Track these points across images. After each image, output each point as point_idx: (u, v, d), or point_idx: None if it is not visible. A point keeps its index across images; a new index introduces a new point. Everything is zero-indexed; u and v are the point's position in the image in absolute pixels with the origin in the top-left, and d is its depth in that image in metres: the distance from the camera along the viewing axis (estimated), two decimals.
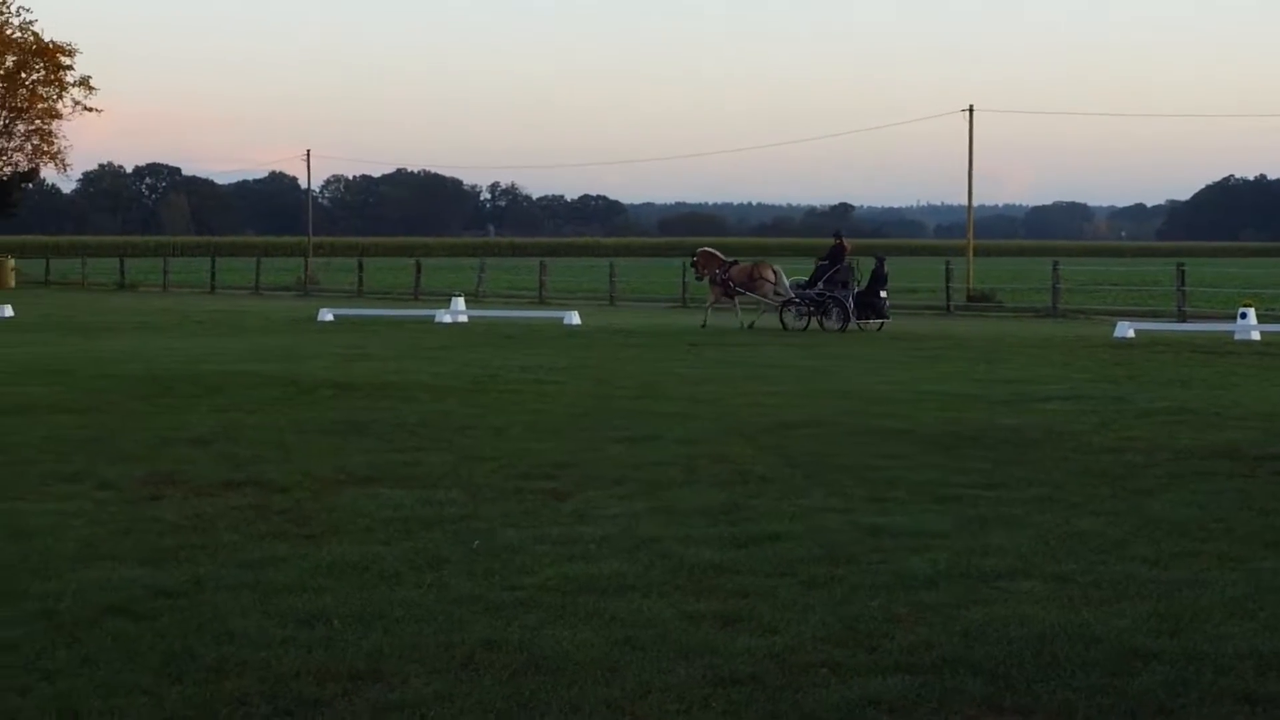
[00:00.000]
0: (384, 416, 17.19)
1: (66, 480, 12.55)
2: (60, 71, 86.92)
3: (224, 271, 75.19)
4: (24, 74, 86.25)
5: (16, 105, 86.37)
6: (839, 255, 37.32)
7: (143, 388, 20.77)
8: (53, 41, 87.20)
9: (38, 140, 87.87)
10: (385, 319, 43.64)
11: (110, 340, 33.58)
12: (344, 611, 8.14)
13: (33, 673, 7.05)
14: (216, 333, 36.63)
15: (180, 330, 37.92)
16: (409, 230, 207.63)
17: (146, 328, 39.33)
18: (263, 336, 34.76)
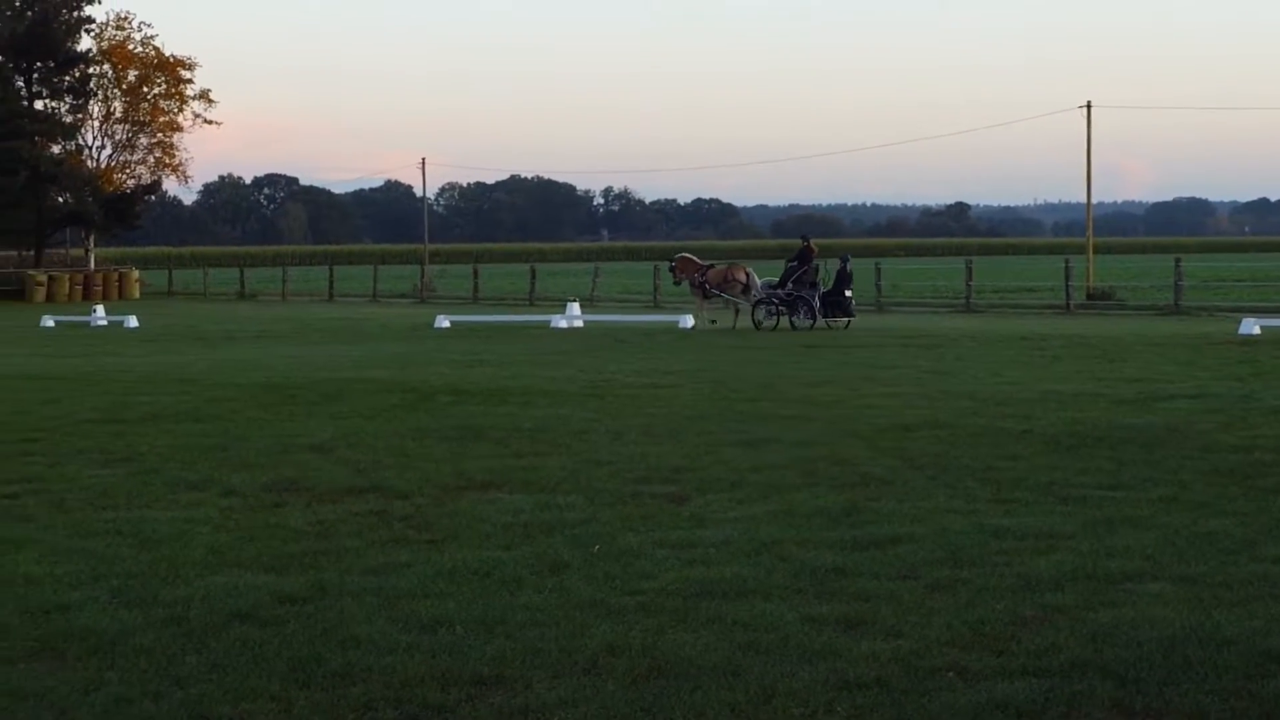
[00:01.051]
0: (502, 422, 17.26)
1: (192, 488, 12.71)
2: (181, 85, 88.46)
3: (342, 280, 76.03)
4: (146, 88, 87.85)
5: (139, 119, 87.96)
6: (806, 257, 38.94)
7: (264, 396, 21.02)
8: (173, 56, 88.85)
9: (160, 153, 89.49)
10: (501, 325, 43.90)
11: (232, 349, 34.07)
12: (466, 617, 8.17)
13: (164, 678, 7.14)
14: (335, 341, 37.03)
15: (300, 339, 38.39)
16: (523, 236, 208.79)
17: (267, 336, 39.87)
18: (381, 344, 35.10)
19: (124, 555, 9.88)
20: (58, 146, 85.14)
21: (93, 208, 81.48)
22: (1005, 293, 60.26)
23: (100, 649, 7.60)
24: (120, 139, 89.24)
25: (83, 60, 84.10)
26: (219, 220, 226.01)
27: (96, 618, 8.19)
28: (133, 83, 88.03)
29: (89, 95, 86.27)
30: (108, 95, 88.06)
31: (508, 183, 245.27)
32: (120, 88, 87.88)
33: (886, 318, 45.42)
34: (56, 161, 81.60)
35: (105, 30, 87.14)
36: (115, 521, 11.11)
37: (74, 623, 8.09)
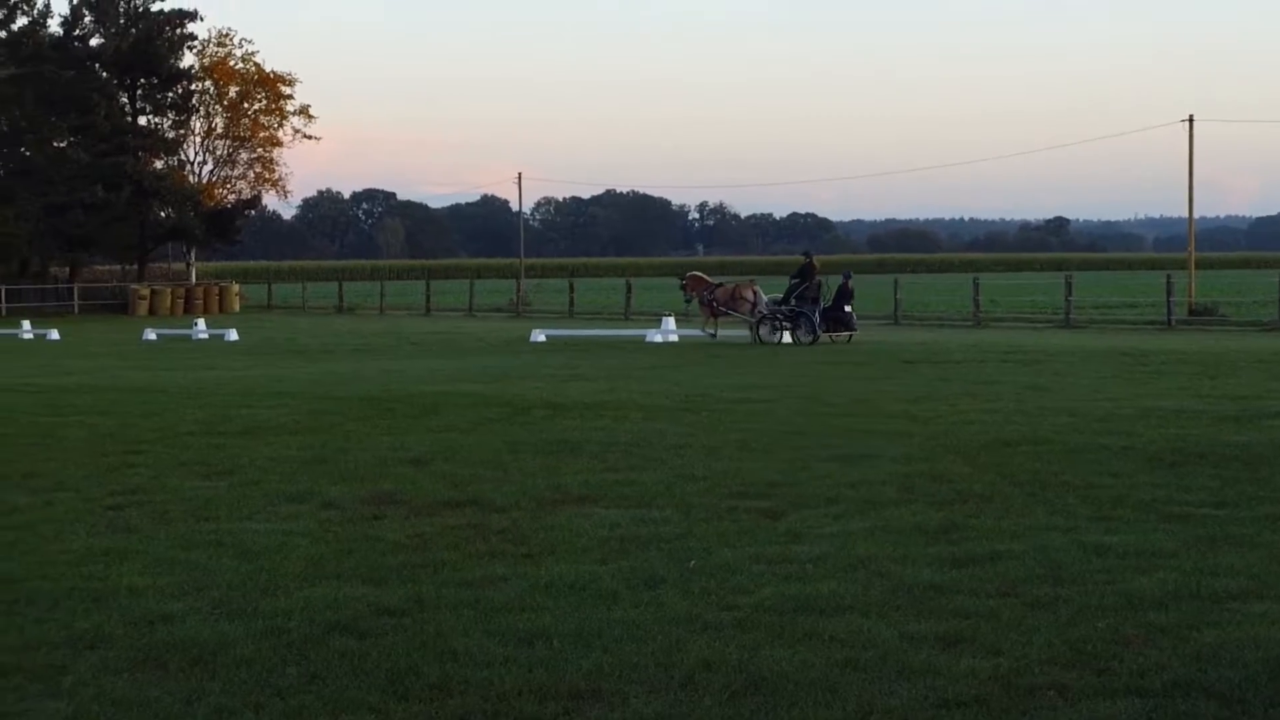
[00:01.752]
0: (597, 436, 17.28)
1: (292, 500, 12.82)
2: (281, 101, 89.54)
3: (438, 294, 76.57)
4: (247, 104, 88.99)
5: (240, 134, 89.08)
6: (809, 273, 39.69)
7: (362, 409, 21.17)
8: (274, 72, 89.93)
9: (260, 168, 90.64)
10: (596, 339, 44.00)
11: (330, 362, 34.38)
12: (563, 630, 8.18)
13: (265, 689, 7.20)
14: (432, 354, 37.27)
15: (397, 352, 38.68)
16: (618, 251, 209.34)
17: (365, 350, 40.20)
18: (477, 358, 35.28)
19: (225, 567, 9.98)
20: (161, 162, 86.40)
21: (194, 222, 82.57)
22: (1105, 308, 59.68)
23: (202, 659, 7.69)
24: (221, 154, 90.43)
25: (185, 77, 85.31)
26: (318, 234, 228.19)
27: (198, 628, 8.28)
28: (234, 99, 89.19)
29: (191, 111, 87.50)
30: (209, 111, 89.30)
31: (603, 197, 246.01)
32: (221, 104, 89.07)
33: (984, 333, 45.10)
34: (159, 177, 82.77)
35: (207, 47, 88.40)
36: (216, 533, 11.23)
37: (176, 633, 8.18)
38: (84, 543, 10.86)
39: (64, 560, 10.20)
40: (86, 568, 9.94)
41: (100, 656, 7.77)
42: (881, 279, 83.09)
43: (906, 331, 46.75)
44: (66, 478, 14.30)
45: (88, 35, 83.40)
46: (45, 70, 78.33)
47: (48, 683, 7.32)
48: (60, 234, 79.29)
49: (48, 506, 12.55)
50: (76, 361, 36.82)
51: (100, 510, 12.37)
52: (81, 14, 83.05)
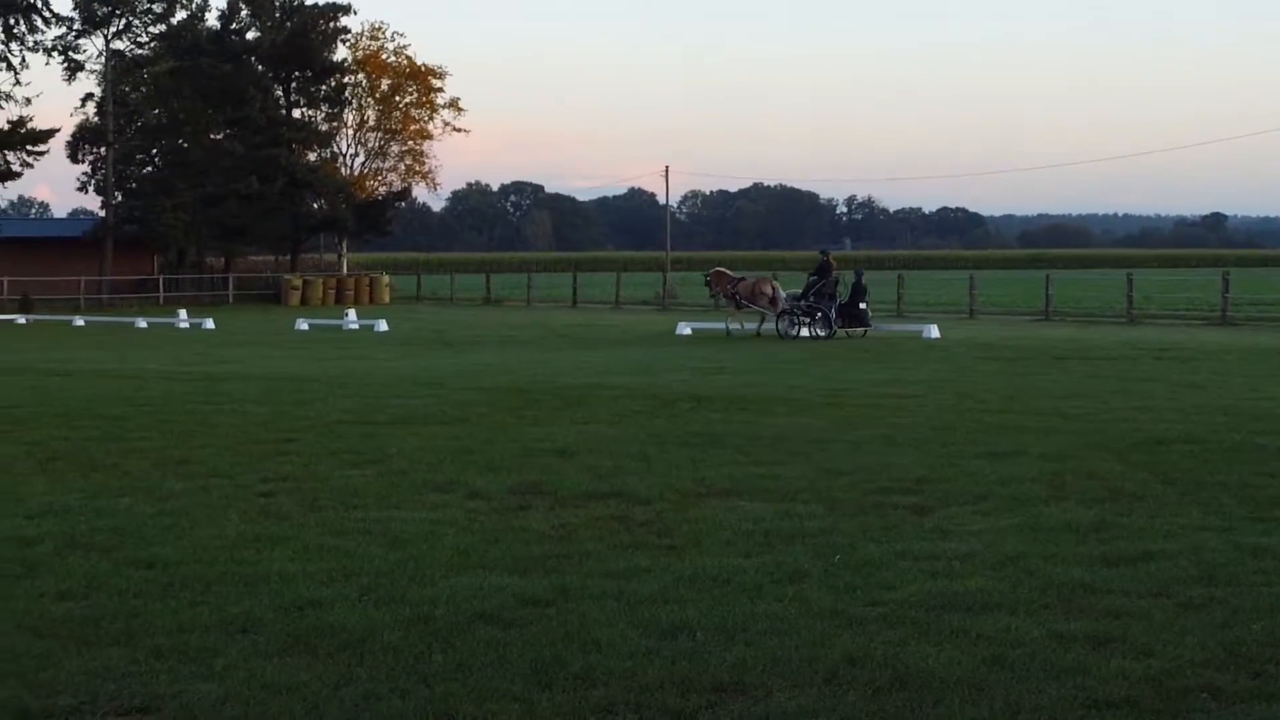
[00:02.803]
0: (741, 429, 17.25)
1: (439, 489, 12.93)
2: (431, 94, 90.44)
3: (585, 286, 76.83)
4: (398, 97, 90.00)
5: (391, 127, 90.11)
6: (826, 271, 40.90)
7: (508, 400, 21.32)
8: (425, 65, 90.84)
9: (410, 160, 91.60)
10: (745, 333, 43.85)
11: (478, 354, 34.67)
12: (706, 623, 8.17)
13: (411, 676, 7.27)
14: (578, 346, 37.44)
15: (543, 344, 38.89)
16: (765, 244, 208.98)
17: (512, 342, 40.48)
18: (622, 350, 35.39)
19: (373, 554, 10.09)
20: (313, 154, 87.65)
21: (346, 214, 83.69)
22: (1264, 305, 58.39)
23: (350, 645, 7.77)
24: (373, 147, 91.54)
25: (338, 70, 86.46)
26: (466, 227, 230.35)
27: (347, 615, 8.38)
28: (385, 91, 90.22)
29: (344, 104, 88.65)
30: (361, 104, 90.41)
31: (750, 191, 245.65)
32: (374, 96, 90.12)
33: (1137, 330, 44.36)
34: (312, 169, 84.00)
35: (360, 40, 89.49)
36: (365, 521, 11.37)
37: (325, 619, 8.28)
38: (236, 528, 11.05)
39: (217, 545, 10.37)
40: (238, 553, 10.10)
41: (251, 640, 7.90)
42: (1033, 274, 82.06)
43: (1058, 328, 46.10)
44: (220, 464, 14.56)
45: (244, 29, 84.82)
46: (203, 64, 79.82)
47: (201, 665, 7.45)
48: (216, 225, 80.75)
49: (202, 492, 12.78)
50: (231, 350, 37.48)
51: (252, 497, 12.58)
52: (238, 8, 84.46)
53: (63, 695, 6.97)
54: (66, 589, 9.02)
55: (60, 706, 6.84)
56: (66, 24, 78.55)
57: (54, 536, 10.67)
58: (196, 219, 79.82)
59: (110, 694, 6.99)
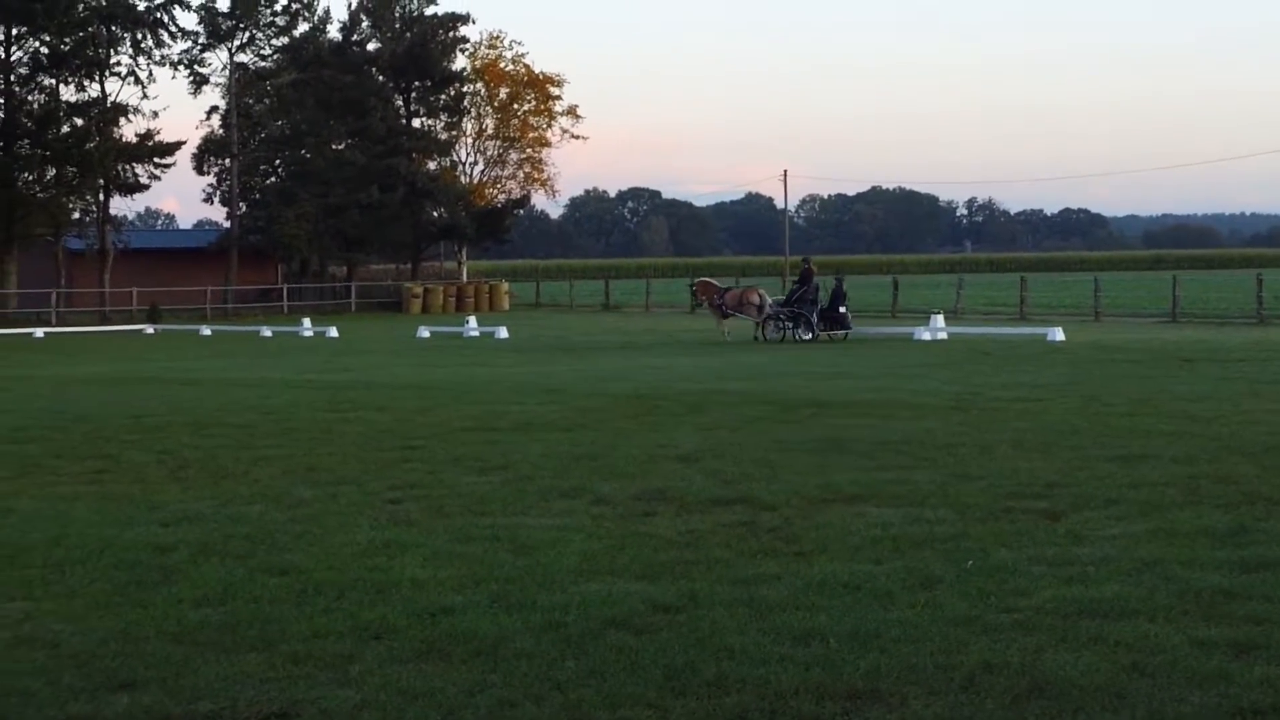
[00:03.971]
0: (866, 434, 17.13)
1: (564, 496, 12.96)
2: (550, 101, 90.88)
3: None
4: (516, 105, 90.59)
5: (509, 135, 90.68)
6: (808, 278, 42.87)
7: (629, 406, 21.34)
8: (543, 73, 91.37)
9: (529, 168, 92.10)
10: (863, 336, 43.68)
11: (597, 360, 34.76)
12: (839, 630, 8.11)
13: (545, 682, 7.28)
14: (696, 352, 37.44)
15: (662, 349, 38.93)
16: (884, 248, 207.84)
17: (630, 347, 40.56)
18: (741, 354, 35.34)
19: (502, 561, 10.12)
20: (433, 163, 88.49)
21: (465, 222, 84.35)
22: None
23: (483, 652, 7.80)
24: (491, 155, 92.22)
25: (458, 79, 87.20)
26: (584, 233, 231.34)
27: (478, 621, 8.40)
28: (504, 100, 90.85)
29: (463, 113, 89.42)
30: (480, 112, 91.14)
31: (868, 194, 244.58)
32: (492, 105, 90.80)
33: (1268, 331, 43.60)
34: (432, 177, 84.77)
35: (479, 49, 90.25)
36: (492, 528, 11.40)
37: (458, 625, 8.31)
38: (366, 535, 11.13)
39: (348, 552, 10.46)
40: (369, 560, 10.18)
41: (386, 646, 7.95)
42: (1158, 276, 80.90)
43: (1185, 330, 45.41)
44: (347, 472, 14.69)
45: (365, 40, 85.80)
46: (325, 75, 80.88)
47: (337, 671, 7.50)
48: (338, 234, 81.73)
49: (331, 500, 12.90)
50: (354, 359, 37.87)
51: (380, 504, 12.67)
52: (359, 19, 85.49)
53: (203, 700, 7.06)
54: (203, 595, 9.14)
55: (201, 711, 6.91)
56: (192, 38, 79.99)
57: (189, 543, 10.82)
58: (319, 228, 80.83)
59: (249, 699, 7.06)
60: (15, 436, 18.42)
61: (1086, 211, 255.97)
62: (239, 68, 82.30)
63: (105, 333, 62.56)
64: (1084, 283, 75.33)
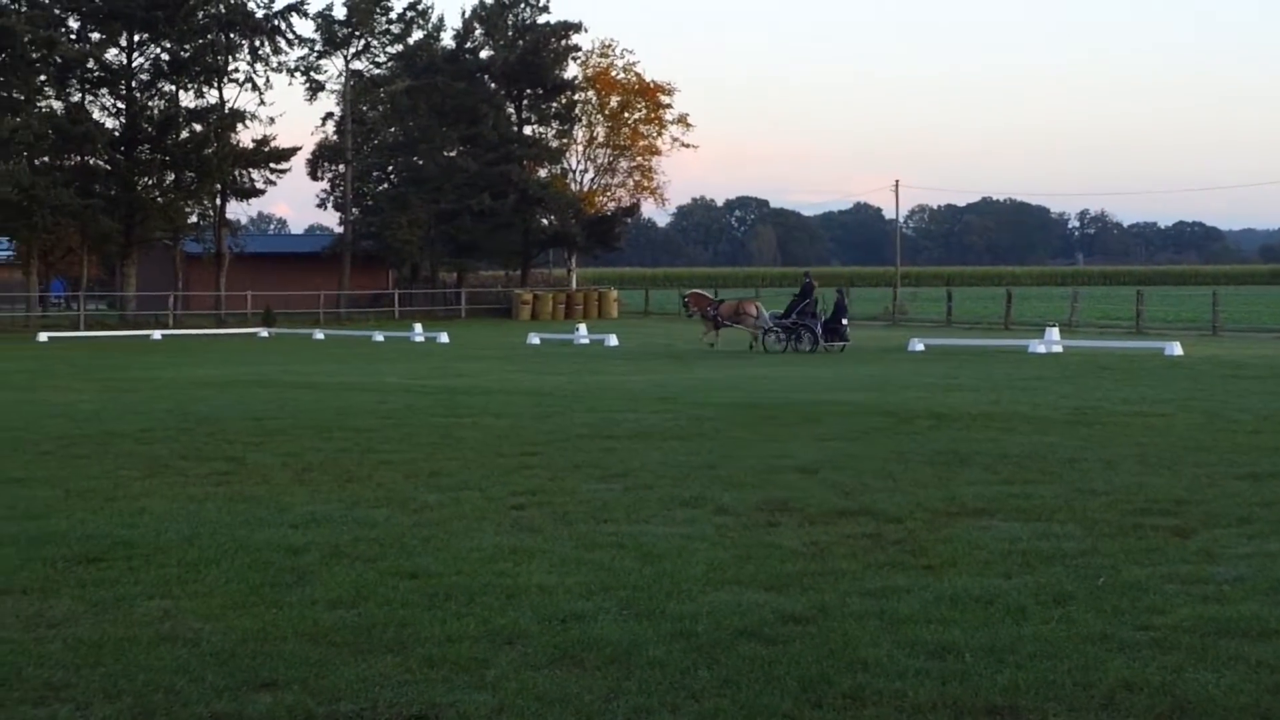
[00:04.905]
0: (986, 448, 17.00)
1: (686, 505, 12.96)
2: (660, 110, 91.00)
3: None
4: (627, 113, 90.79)
5: (620, 143, 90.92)
6: (808, 291, 44.06)
7: (743, 415, 21.32)
8: (653, 81, 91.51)
9: (639, 176, 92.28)
10: (976, 349, 43.38)
11: (707, 369, 34.78)
12: (973, 644, 8.05)
13: (679, 691, 7.28)
14: (808, 363, 37.31)
15: (771, 360, 38.87)
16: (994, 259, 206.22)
17: (740, 356, 40.50)
18: (856, 366, 35.18)
19: (628, 568, 10.14)
20: (544, 170, 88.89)
21: (575, 229, 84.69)
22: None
23: (616, 659, 7.82)
24: (602, 163, 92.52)
25: (569, 87, 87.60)
26: (691, 241, 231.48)
27: (609, 628, 8.43)
28: (615, 108, 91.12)
29: (574, 121, 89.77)
30: (591, 121, 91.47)
31: (979, 205, 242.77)
32: (603, 113, 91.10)
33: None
34: (543, 185, 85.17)
35: (590, 58, 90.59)
36: (616, 535, 11.43)
37: (588, 632, 8.34)
38: (492, 541, 11.20)
39: (476, 557, 10.53)
40: (497, 565, 10.24)
41: (519, 651, 7.99)
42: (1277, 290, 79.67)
43: None
44: (469, 477, 14.78)
45: (478, 48, 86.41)
46: (438, 82, 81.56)
47: (472, 675, 7.55)
48: (449, 240, 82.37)
49: (455, 505, 12.99)
50: (466, 364, 38.12)
51: (504, 510, 12.74)
52: (473, 27, 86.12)
53: (343, 701, 7.13)
54: (336, 597, 9.23)
55: (342, 712, 6.99)
56: (309, 45, 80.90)
57: (319, 546, 10.94)
58: (430, 234, 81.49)
59: (388, 701, 7.12)
60: (143, 437, 18.72)
61: (1201, 224, 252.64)
62: (354, 75, 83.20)
63: (221, 335, 63.42)
64: (1201, 297, 74.31)
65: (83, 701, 7.16)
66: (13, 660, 7.81)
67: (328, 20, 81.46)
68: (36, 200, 66.30)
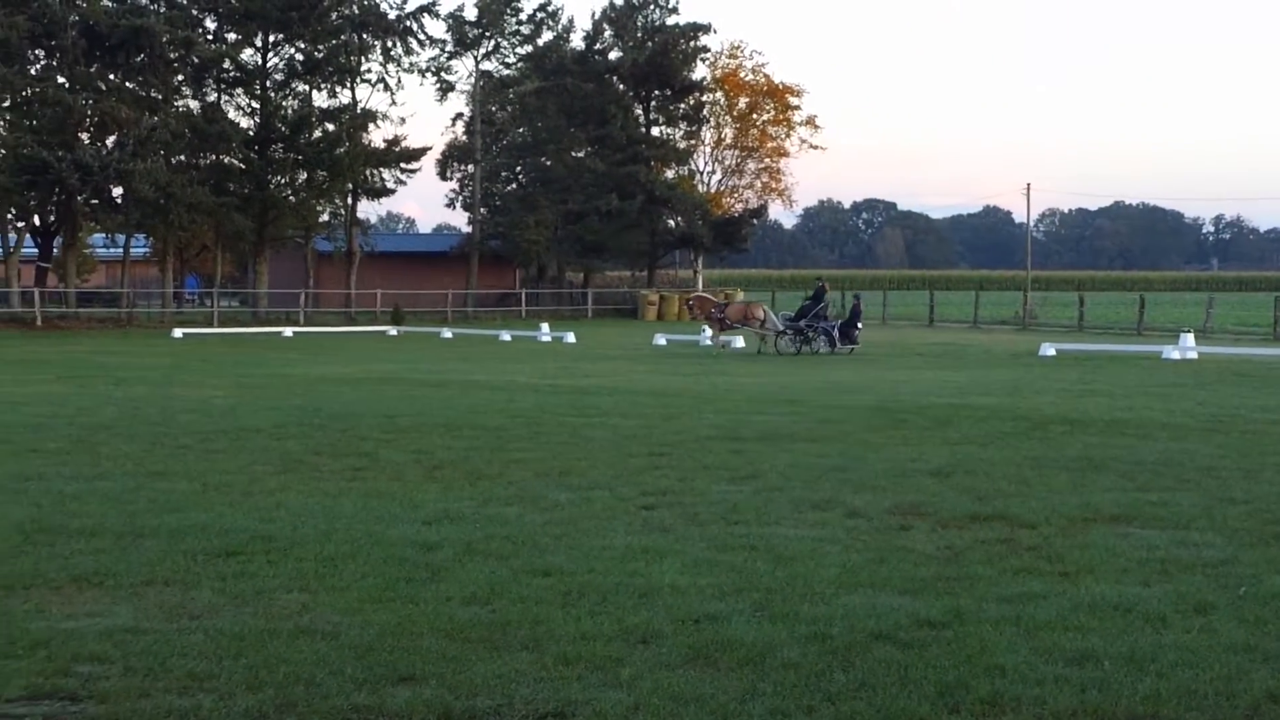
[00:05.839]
0: (1122, 454, 16.77)
1: (816, 507, 12.92)
2: (788, 112, 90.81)
3: (940, 305, 76.01)
4: (755, 115, 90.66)
5: (748, 145, 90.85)
6: (820, 295, 45.84)
7: (873, 419, 21.20)
8: (782, 83, 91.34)
9: (766, 178, 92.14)
10: (1109, 354, 42.82)
11: (835, 371, 34.65)
12: (1113, 652, 7.95)
13: (815, 693, 7.26)
14: (938, 366, 37.05)
15: (902, 363, 38.62)
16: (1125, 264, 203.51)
17: (868, 359, 40.30)
18: (985, 370, 34.86)
19: (760, 570, 10.12)
20: (671, 171, 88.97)
21: (702, 230, 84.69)
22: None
23: (751, 660, 7.81)
24: (729, 164, 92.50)
25: (697, 88, 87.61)
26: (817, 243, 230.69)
27: (743, 629, 8.42)
28: (743, 110, 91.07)
29: (702, 122, 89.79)
30: (719, 122, 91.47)
31: (1111, 209, 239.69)
32: (731, 114, 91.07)
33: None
34: (670, 186, 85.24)
35: (719, 59, 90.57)
36: (747, 537, 11.42)
37: (722, 633, 8.34)
38: (623, 540, 11.23)
39: (607, 556, 10.56)
40: (629, 564, 10.26)
41: (653, 651, 8.00)
42: None
43: None
44: (598, 477, 14.83)
45: (607, 49, 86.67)
46: (567, 83, 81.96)
47: (607, 674, 7.58)
48: (576, 240, 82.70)
49: (586, 504, 13.04)
50: (592, 364, 38.24)
51: (635, 510, 12.77)
52: (602, 29, 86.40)
53: (480, 697, 7.18)
54: (471, 594, 9.30)
55: (480, 708, 7.04)
56: (439, 46, 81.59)
57: (452, 542, 11.02)
58: (557, 235, 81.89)
59: (525, 698, 7.17)
60: (277, 433, 18.98)
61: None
62: (483, 75, 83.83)
63: (350, 333, 64.15)
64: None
65: (226, 692, 7.27)
66: (157, 650, 7.96)
67: (459, 21, 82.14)
68: (173, 198, 67.42)
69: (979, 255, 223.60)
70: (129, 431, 19.16)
